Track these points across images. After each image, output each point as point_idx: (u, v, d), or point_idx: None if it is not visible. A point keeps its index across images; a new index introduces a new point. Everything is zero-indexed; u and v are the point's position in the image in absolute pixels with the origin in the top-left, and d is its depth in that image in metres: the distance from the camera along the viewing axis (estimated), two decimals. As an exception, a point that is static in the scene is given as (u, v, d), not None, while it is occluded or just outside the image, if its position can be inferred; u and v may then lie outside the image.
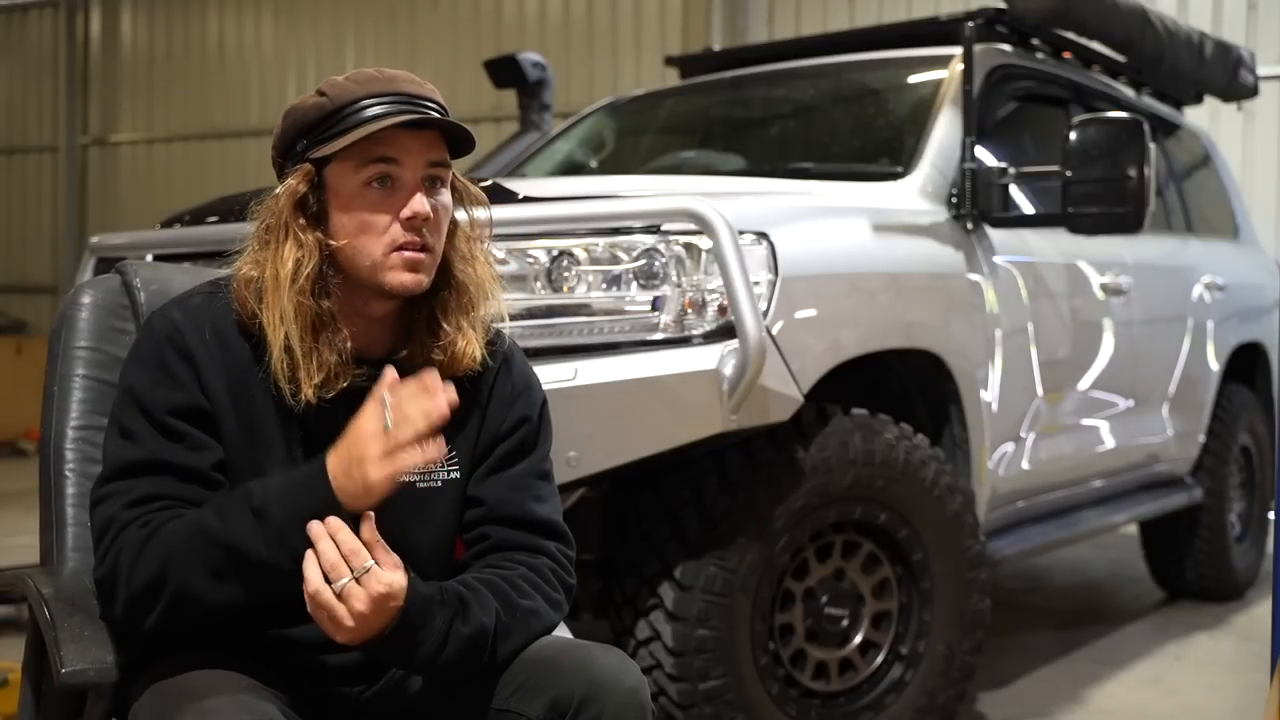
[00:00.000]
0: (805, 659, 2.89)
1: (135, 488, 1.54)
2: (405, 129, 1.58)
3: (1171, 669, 4.06)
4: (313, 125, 1.60)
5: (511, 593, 1.60)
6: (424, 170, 1.60)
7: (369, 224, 1.58)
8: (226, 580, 1.48)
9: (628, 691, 1.52)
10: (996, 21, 3.93)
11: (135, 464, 1.56)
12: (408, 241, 1.58)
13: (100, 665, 1.52)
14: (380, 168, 1.58)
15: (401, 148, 1.58)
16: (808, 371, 2.74)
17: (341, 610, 1.42)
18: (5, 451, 9.87)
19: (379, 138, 1.57)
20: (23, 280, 12.57)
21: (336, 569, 1.42)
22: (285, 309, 1.56)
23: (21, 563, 2.03)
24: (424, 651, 1.50)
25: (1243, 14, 7.61)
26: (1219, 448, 4.81)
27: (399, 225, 1.58)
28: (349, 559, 1.42)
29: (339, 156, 1.58)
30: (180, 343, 1.59)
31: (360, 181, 1.58)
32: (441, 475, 1.68)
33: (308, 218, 1.59)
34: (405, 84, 1.61)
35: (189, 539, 1.48)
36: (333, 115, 1.59)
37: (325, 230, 1.59)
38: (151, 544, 1.49)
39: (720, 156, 4.07)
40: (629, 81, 9.15)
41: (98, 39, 12.40)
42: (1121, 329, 4.07)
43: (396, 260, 1.58)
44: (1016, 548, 3.57)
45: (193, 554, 1.47)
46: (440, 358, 1.64)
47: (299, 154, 1.61)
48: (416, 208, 1.58)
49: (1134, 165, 3.18)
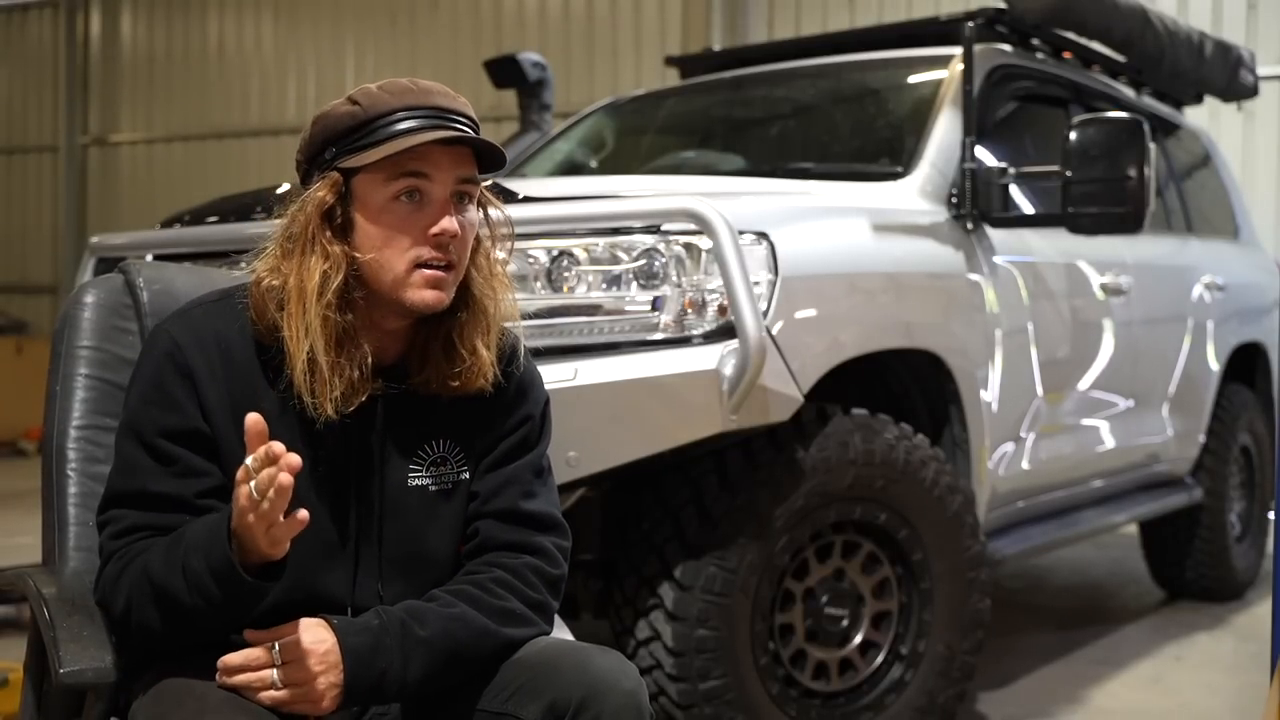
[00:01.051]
0: (805, 659, 2.89)
1: (125, 518, 1.56)
2: (437, 144, 1.56)
3: (1171, 669, 4.06)
4: (344, 134, 1.57)
5: (481, 594, 1.60)
6: (453, 186, 1.58)
7: (395, 239, 1.56)
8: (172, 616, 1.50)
9: (626, 694, 1.51)
10: (996, 21, 3.93)
11: (124, 494, 1.58)
12: (432, 258, 1.56)
13: (98, 665, 1.52)
14: (410, 182, 1.56)
15: (433, 163, 1.56)
16: (808, 371, 2.74)
17: (296, 692, 1.47)
18: (5, 451, 9.87)
19: (410, 151, 1.54)
20: (23, 280, 12.57)
21: (260, 676, 1.47)
22: (311, 323, 1.53)
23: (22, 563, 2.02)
24: (392, 674, 1.51)
25: (1243, 14, 7.61)
26: (1219, 448, 4.81)
27: (424, 242, 1.56)
28: (255, 663, 1.48)
29: (368, 168, 1.56)
30: (180, 359, 1.57)
31: (389, 195, 1.56)
32: (452, 476, 1.68)
33: (334, 229, 1.57)
34: (439, 97, 1.59)
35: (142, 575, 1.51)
36: (365, 125, 1.56)
37: (350, 243, 1.57)
38: (122, 578, 1.53)
39: (720, 156, 4.07)
40: (629, 81, 9.15)
41: (98, 39, 12.41)
42: (1121, 329, 4.07)
43: (419, 278, 1.56)
44: (1016, 548, 3.57)
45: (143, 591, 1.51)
46: (456, 384, 1.63)
47: (327, 161, 1.58)
48: (445, 225, 1.56)
49: (1134, 165, 3.18)
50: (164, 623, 1.50)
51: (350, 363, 1.55)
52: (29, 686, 1.69)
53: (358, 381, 1.56)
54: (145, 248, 3.11)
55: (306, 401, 1.54)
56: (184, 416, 1.56)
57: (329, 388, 1.54)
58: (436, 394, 1.63)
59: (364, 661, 1.50)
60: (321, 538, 1.60)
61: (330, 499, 1.61)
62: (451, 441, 1.68)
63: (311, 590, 1.60)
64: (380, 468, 1.64)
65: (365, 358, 1.57)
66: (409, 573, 1.65)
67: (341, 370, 1.55)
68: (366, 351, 1.58)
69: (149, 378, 1.59)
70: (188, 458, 1.56)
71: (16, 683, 3.12)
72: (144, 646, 1.55)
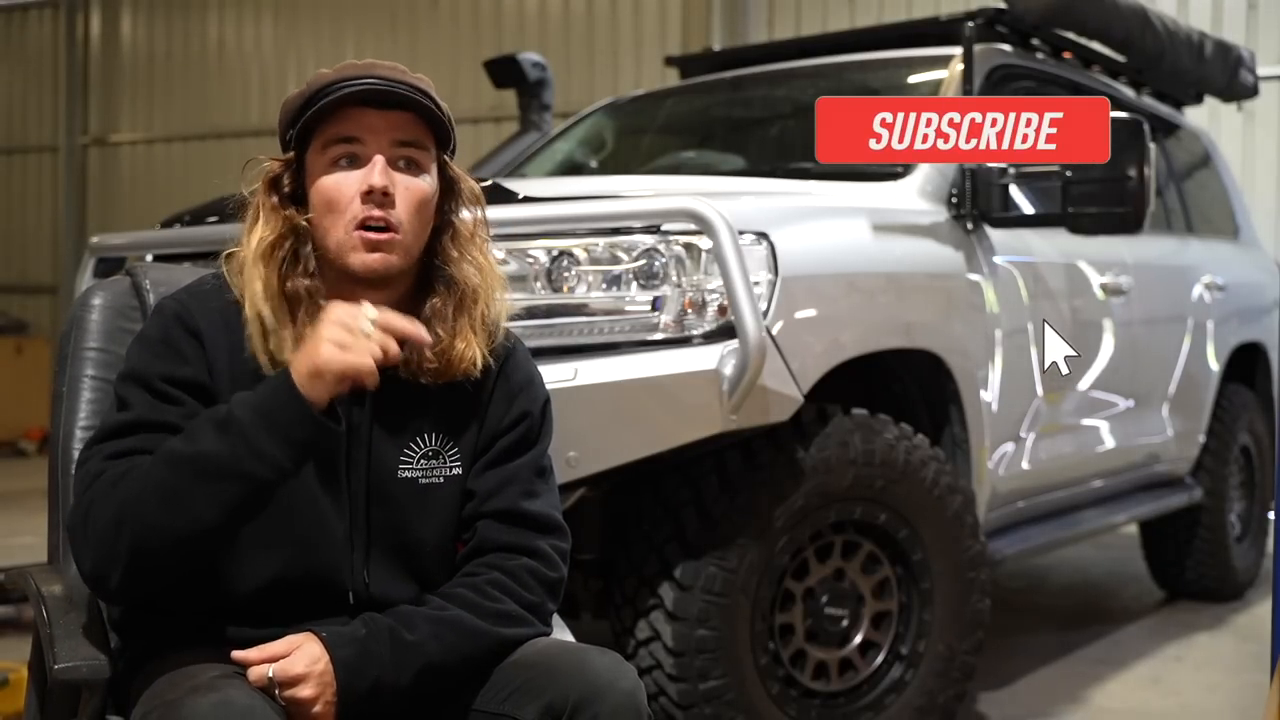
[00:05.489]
0: (805, 659, 2.89)
1: (120, 446, 1.54)
2: (373, 109, 1.60)
3: (1171, 669, 4.06)
4: (295, 114, 1.64)
5: (475, 596, 1.60)
6: (389, 150, 1.61)
7: (332, 201, 1.60)
8: (190, 500, 1.46)
9: (623, 694, 1.52)
10: (996, 21, 3.93)
11: (124, 423, 1.56)
12: (367, 218, 1.59)
13: (93, 661, 1.52)
14: (345, 147, 1.61)
15: (367, 127, 1.61)
16: (808, 371, 2.74)
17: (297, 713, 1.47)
18: (5, 451, 9.86)
19: (344, 117, 1.60)
20: (23, 280, 12.56)
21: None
22: (252, 282, 1.59)
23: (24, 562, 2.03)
24: (385, 681, 1.51)
25: (1243, 14, 7.60)
26: (1219, 448, 4.81)
27: (358, 201, 1.59)
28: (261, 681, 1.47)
29: (314, 142, 1.62)
30: (190, 321, 1.61)
31: (327, 161, 1.62)
32: (444, 471, 1.68)
33: (281, 197, 1.64)
34: (382, 70, 1.63)
35: (150, 467, 1.48)
36: (309, 101, 1.62)
37: (300, 211, 1.63)
38: (119, 485, 1.49)
39: (720, 156, 4.07)
40: (629, 81, 9.14)
41: (98, 39, 12.39)
42: (1121, 329, 4.07)
43: (357, 240, 1.60)
44: (1016, 548, 3.57)
45: (154, 481, 1.47)
46: (434, 364, 1.63)
47: (287, 144, 1.66)
48: (372, 179, 1.59)
49: (1134, 165, 3.18)
50: (169, 515, 1.46)
51: (307, 325, 1.57)
52: (33, 685, 1.70)
53: None
54: (145, 248, 3.12)
55: (261, 359, 1.57)
56: (191, 369, 1.59)
57: (281, 345, 1.57)
58: (418, 376, 1.64)
59: (355, 671, 1.50)
60: (317, 516, 1.61)
61: (323, 479, 1.62)
62: (444, 435, 1.68)
63: (309, 568, 1.61)
64: (370, 455, 1.65)
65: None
66: (396, 561, 1.66)
67: (294, 329, 1.58)
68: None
69: (157, 336, 1.62)
70: (190, 402, 1.58)
71: (17, 683, 3.12)
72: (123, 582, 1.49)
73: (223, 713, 1.37)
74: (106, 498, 1.49)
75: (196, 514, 1.47)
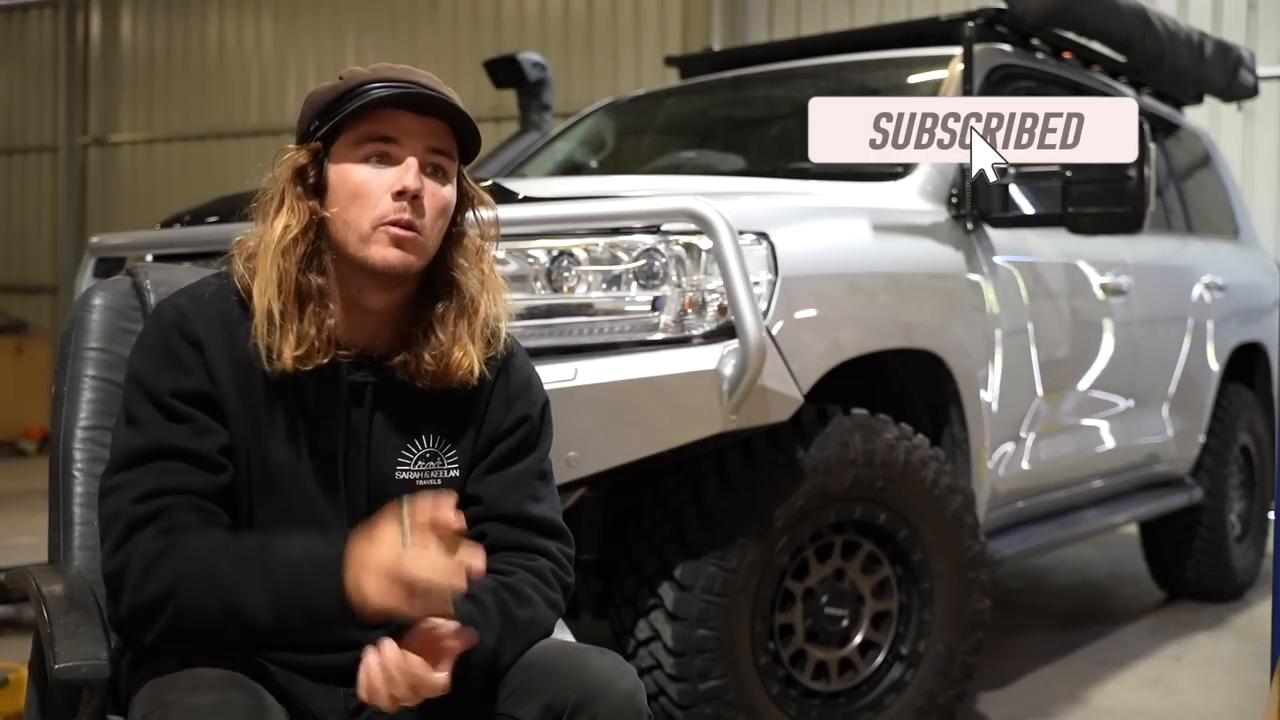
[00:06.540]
0: (805, 659, 2.90)
1: (142, 480, 1.54)
2: (409, 113, 1.60)
3: (1171, 669, 4.07)
4: (326, 107, 1.63)
5: (511, 602, 1.60)
6: (423, 155, 1.62)
7: (360, 196, 1.60)
8: (222, 622, 1.48)
9: (623, 695, 1.52)
10: (996, 21, 3.93)
11: (140, 451, 1.56)
12: (396, 217, 1.59)
13: (93, 661, 1.52)
14: (379, 146, 1.61)
15: (403, 129, 1.61)
16: (808, 371, 2.74)
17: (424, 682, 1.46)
18: (5, 451, 9.86)
19: (380, 117, 1.60)
20: (23, 280, 12.56)
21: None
22: (269, 273, 1.58)
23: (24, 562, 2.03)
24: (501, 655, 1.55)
25: (1243, 14, 7.60)
26: (1219, 448, 4.81)
27: (389, 199, 1.59)
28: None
29: (344, 135, 1.61)
30: (187, 329, 1.60)
31: (359, 157, 1.61)
32: (441, 473, 1.69)
33: (305, 188, 1.62)
34: (419, 77, 1.64)
35: (202, 570, 1.48)
36: (343, 96, 1.61)
37: (321, 203, 1.62)
38: (166, 560, 1.49)
39: (720, 156, 4.08)
40: (629, 81, 9.14)
41: (98, 39, 12.39)
42: (1121, 329, 4.07)
43: (382, 235, 1.59)
44: (1016, 548, 3.57)
45: (201, 587, 1.47)
46: (432, 367, 1.64)
47: (311, 134, 1.64)
48: (406, 181, 1.59)
49: (1134, 165, 3.18)
50: (206, 622, 1.48)
51: (310, 322, 1.58)
52: (33, 684, 1.70)
53: (315, 339, 1.58)
54: (145, 248, 3.12)
55: (261, 349, 1.57)
56: (195, 379, 1.59)
57: (286, 341, 1.57)
58: (415, 380, 1.64)
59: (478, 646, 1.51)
60: (315, 517, 1.62)
61: (321, 480, 1.63)
62: (443, 438, 1.69)
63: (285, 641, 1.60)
64: (368, 455, 1.65)
65: (329, 318, 1.60)
66: None
67: (300, 325, 1.58)
68: (332, 313, 1.61)
69: (157, 346, 1.61)
70: (199, 416, 1.58)
71: (17, 682, 3.12)
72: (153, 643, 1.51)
73: (223, 713, 1.38)
74: (154, 571, 1.49)
75: (227, 633, 1.49)
